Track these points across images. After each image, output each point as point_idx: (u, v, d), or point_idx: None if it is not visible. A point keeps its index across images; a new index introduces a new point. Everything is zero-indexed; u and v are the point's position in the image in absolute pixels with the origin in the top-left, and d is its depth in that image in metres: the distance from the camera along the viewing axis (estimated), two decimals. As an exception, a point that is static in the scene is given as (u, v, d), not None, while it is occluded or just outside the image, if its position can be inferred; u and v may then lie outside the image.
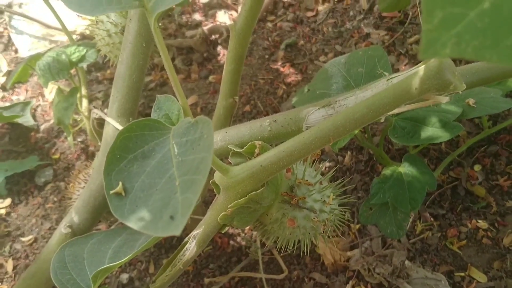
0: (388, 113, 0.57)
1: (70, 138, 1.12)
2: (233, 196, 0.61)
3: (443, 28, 0.24)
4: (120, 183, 0.47)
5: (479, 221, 0.94)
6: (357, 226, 0.98)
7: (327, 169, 1.06)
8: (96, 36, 0.93)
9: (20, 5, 1.53)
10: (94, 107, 1.03)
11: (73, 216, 0.83)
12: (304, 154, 0.57)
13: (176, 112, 0.60)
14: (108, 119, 0.81)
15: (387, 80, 0.64)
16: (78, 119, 1.20)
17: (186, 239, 0.66)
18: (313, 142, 0.57)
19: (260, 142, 0.64)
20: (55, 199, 1.16)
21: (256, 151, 0.63)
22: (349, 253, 0.95)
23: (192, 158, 0.45)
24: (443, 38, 0.24)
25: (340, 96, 0.68)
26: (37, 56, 1.12)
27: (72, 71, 1.06)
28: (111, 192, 0.46)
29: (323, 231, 0.66)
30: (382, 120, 0.69)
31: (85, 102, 1.13)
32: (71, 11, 0.55)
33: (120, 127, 0.79)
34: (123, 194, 0.46)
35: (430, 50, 0.26)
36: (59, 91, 1.11)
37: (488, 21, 0.23)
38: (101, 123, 0.89)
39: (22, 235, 1.13)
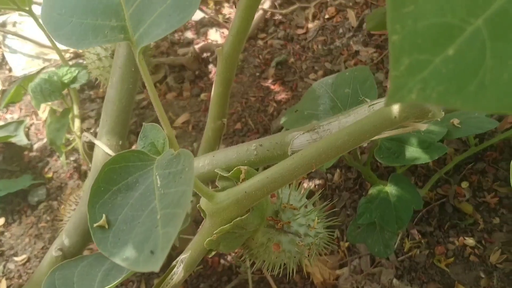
0: (369, 140, 0.59)
1: (62, 158, 1.14)
2: (218, 222, 0.62)
3: (410, 74, 0.24)
4: (104, 216, 0.48)
5: (467, 238, 0.95)
6: (346, 244, 0.99)
7: (316, 187, 1.08)
8: (87, 60, 0.94)
9: (14, 24, 1.55)
10: (85, 130, 1.05)
11: (64, 239, 0.84)
12: (287, 180, 0.59)
13: (161, 140, 0.61)
14: (98, 143, 0.82)
15: (369, 106, 0.66)
16: (71, 139, 1.21)
17: (174, 263, 0.67)
18: (296, 169, 0.58)
19: (245, 167, 0.65)
20: (48, 218, 1.17)
21: (242, 176, 0.64)
22: (338, 272, 0.96)
23: (174, 191, 0.47)
24: (409, 84, 0.25)
25: (324, 121, 0.69)
26: (30, 77, 1.13)
27: (65, 91, 1.07)
28: (95, 225, 0.47)
29: (308, 255, 0.67)
30: (366, 145, 0.71)
31: (77, 122, 1.14)
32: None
33: (109, 151, 0.81)
34: (106, 227, 0.47)
35: (396, 95, 0.26)
36: (52, 111, 1.12)
37: (453, 68, 0.24)
38: (92, 145, 0.90)
39: (16, 254, 1.14)
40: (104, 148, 0.81)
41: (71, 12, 0.59)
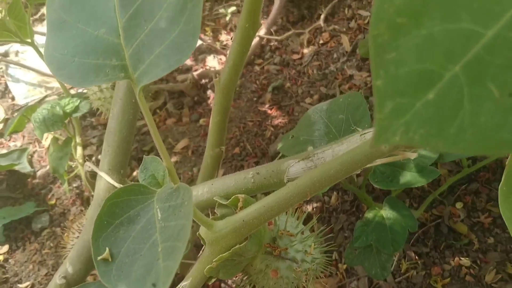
0: (361, 168, 0.62)
1: (65, 186, 1.16)
2: (217, 250, 0.64)
3: (393, 117, 0.26)
4: (107, 249, 0.50)
5: (462, 258, 0.97)
6: (345, 266, 1.01)
7: (314, 209, 1.10)
8: (88, 90, 0.97)
9: (16, 53, 1.59)
10: (87, 157, 1.07)
11: (67, 266, 0.86)
12: (283, 208, 0.61)
13: (161, 173, 0.64)
14: (100, 173, 0.84)
15: (361, 135, 0.68)
16: (73, 165, 1.24)
17: (175, 289, 0.69)
18: (291, 197, 0.61)
19: (243, 196, 0.68)
20: (51, 244, 1.19)
21: (239, 204, 0.67)
22: (337, 294, 0.97)
23: (174, 224, 0.49)
24: (393, 126, 0.26)
25: (319, 150, 0.72)
26: (33, 107, 1.16)
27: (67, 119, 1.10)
28: (99, 258, 0.49)
29: (306, 280, 0.69)
30: (358, 172, 0.73)
31: (79, 149, 1.17)
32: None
33: (111, 181, 0.83)
34: (110, 259, 0.49)
35: (381, 137, 0.27)
36: (54, 140, 1.15)
37: (433, 111, 0.25)
38: (94, 174, 0.93)
39: (20, 281, 1.16)
40: (106, 178, 0.83)
41: (73, 52, 0.61)
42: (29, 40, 1.18)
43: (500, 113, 0.25)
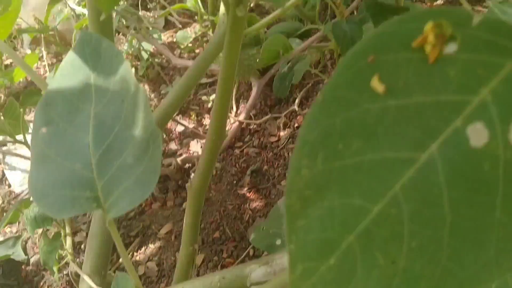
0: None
1: (55, 276, 1.23)
2: None
3: (303, 279, 0.29)
4: None
5: None
6: None
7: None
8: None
9: (13, 142, 1.69)
10: (72, 261, 1.15)
11: None
12: (241, 319, 0.68)
13: (130, 290, 0.71)
14: (83, 275, 0.92)
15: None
16: (64, 254, 1.31)
17: None
18: (248, 310, 0.68)
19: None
20: (42, 332, 1.25)
21: (204, 312, 0.74)
22: None
23: None
24: (303, 287, 0.29)
25: (277, 255, 0.79)
26: (27, 201, 1.25)
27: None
28: None
29: None
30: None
31: (69, 239, 1.25)
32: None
33: (93, 285, 0.90)
34: None
35: None
36: (45, 233, 1.23)
37: (333, 275, 0.29)
38: (78, 273, 1.00)
39: None
40: (88, 281, 0.91)
41: (52, 184, 0.69)
42: (22, 140, 1.28)
43: (385, 279, 0.29)
